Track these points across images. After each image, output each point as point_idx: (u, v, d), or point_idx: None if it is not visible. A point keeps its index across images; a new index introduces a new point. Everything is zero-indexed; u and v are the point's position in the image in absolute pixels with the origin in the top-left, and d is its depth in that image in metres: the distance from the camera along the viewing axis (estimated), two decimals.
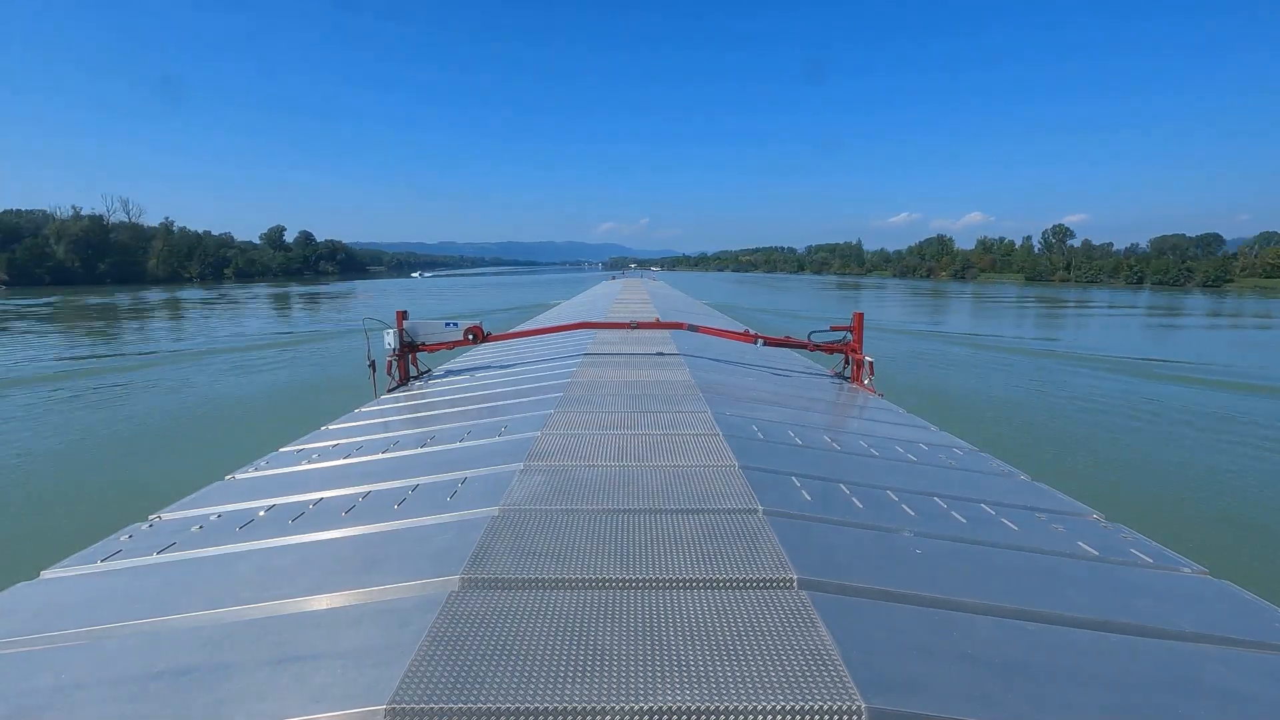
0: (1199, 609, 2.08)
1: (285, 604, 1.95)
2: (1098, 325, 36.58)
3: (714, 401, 4.63)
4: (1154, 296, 70.77)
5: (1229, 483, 9.14)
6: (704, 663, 1.53)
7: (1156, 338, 30.24)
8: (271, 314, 39.27)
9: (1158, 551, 2.57)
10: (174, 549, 2.52)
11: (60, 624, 1.94)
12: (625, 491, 2.76)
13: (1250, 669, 1.73)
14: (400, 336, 6.99)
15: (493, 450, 3.52)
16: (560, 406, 4.44)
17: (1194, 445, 11.01)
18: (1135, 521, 2.98)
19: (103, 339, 26.32)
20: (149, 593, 2.13)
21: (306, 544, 2.45)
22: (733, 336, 8.12)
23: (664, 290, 29.08)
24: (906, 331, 29.47)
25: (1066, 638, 1.81)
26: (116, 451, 10.35)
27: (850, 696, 1.40)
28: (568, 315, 14.68)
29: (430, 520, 2.53)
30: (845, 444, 3.98)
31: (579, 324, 8.34)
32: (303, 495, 3.08)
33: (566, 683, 1.46)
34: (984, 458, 4.02)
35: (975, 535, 2.55)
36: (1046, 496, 3.27)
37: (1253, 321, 39.84)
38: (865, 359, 6.86)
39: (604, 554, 2.13)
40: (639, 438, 3.65)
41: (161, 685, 1.55)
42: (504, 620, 1.73)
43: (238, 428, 11.59)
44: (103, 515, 7.29)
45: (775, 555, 2.11)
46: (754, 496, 2.66)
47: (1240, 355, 22.95)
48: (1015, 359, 20.66)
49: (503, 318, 28.49)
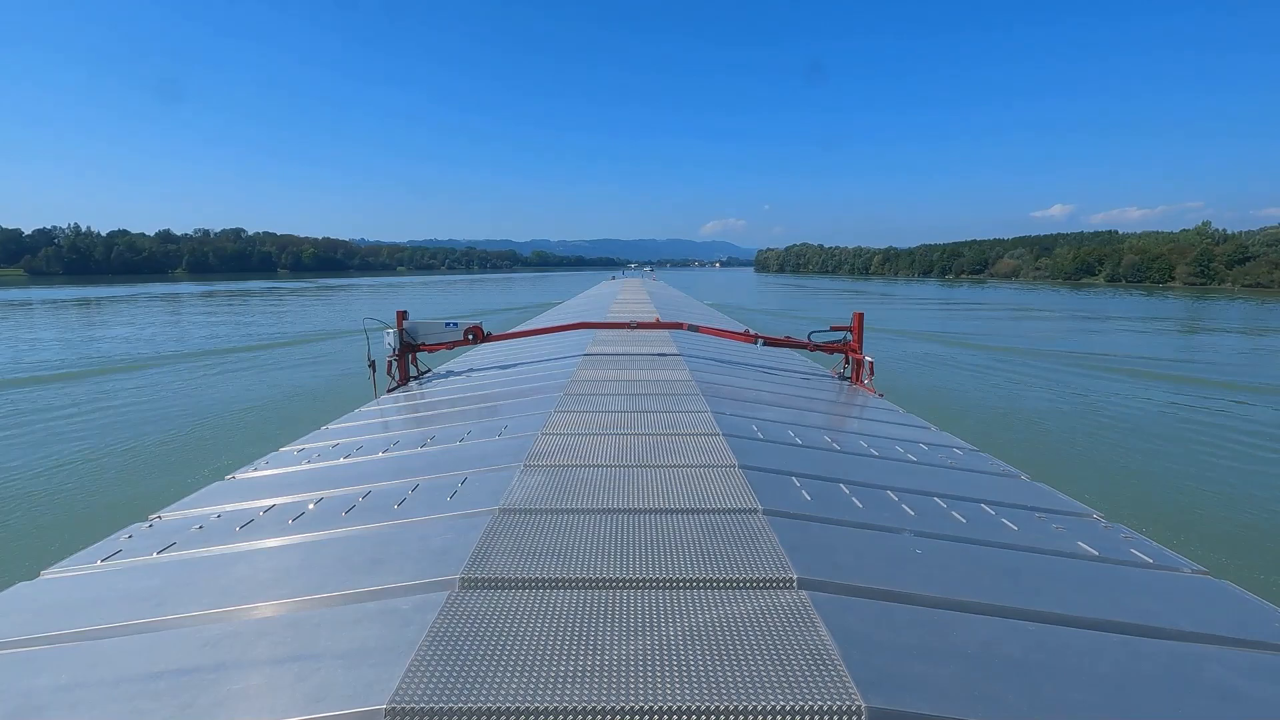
0: (1199, 609, 2.08)
1: (285, 604, 1.95)
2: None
3: (714, 401, 4.63)
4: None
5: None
6: (704, 663, 1.53)
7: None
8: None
9: (1157, 551, 2.57)
10: (174, 549, 2.51)
11: (60, 624, 1.94)
12: (625, 491, 2.76)
13: (1250, 669, 1.73)
14: (400, 336, 6.99)
15: (493, 450, 3.52)
16: (560, 406, 4.44)
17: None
18: (1135, 521, 2.97)
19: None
20: (149, 593, 2.13)
21: (306, 544, 2.45)
22: (733, 336, 8.12)
23: (664, 290, 29.07)
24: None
25: (1066, 638, 1.81)
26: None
27: (850, 696, 1.40)
28: (568, 315, 14.69)
29: (430, 520, 2.53)
30: (845, 444, 3.98)
31: (579, 324, 8.34)
32: (303, 495, 3.08)
33: (566, 683, 1.46)
34: (984, 458, 4.02)
35: (975, 535, 2.55)
36: (1046, 496, 3.27)
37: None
38: (865, 359, 6.86)
39: (604, 554, 2.13)
40: (639, 438, 3.65)
41: (161, 685, 1.55)
42: (504, 620, 1.73)
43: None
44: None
45: (775, 555, 2.11)
46: (754, 496, 2.66)
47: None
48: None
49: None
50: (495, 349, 9.01)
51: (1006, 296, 62.40)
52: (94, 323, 32.65)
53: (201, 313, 39.04)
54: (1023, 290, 77.49)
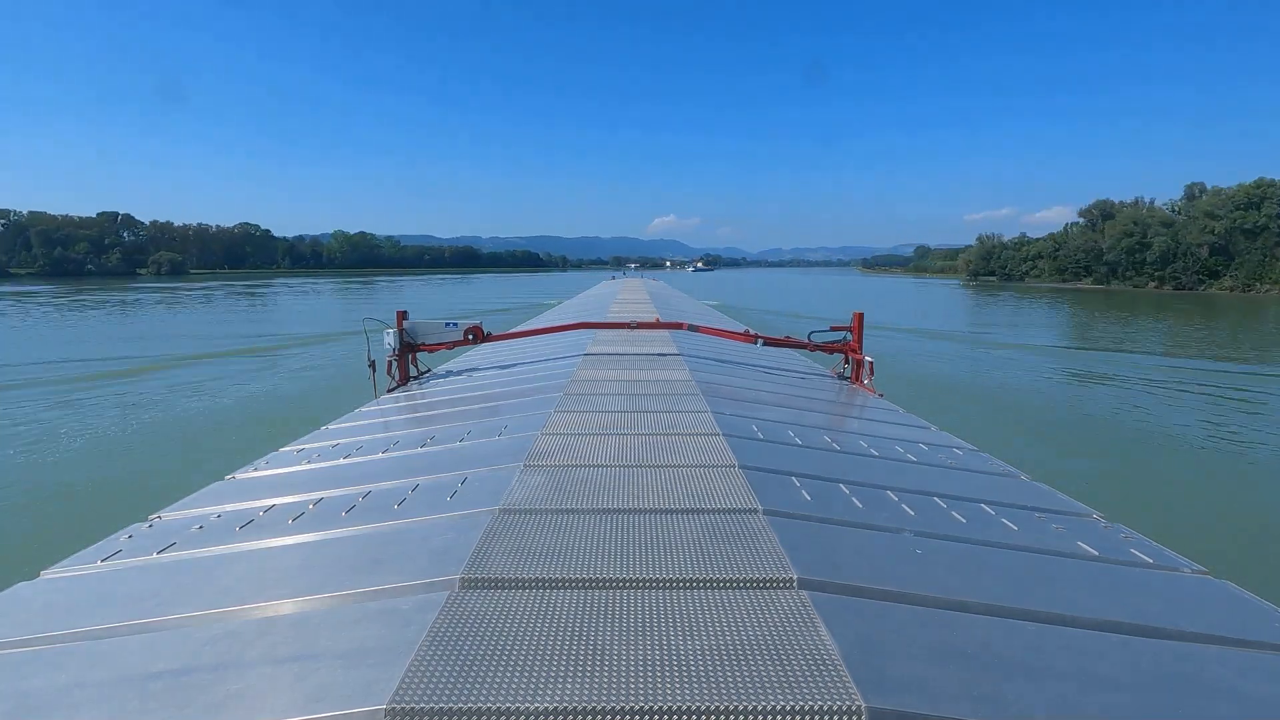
0: (1199, 609, 2.08)
1: (285, 604, 1.95)
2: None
3: (714, 401, 4.63)
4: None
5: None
6: (704, 663, 1.53)
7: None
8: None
9: (1158, 551, 2.57)
10: (174, 549, 2.51)
11: (60, 624, 1.94)
12: (625, 491, 2.76)
13: (1250, 669, 1.73)
14: (400, 336, 7.00)
15: (493, 450, 3.52)
16: (560, 406, 4.44)
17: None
18: (1135, 521, 2.98)
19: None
20: (149, 593, 2.13)
21: (306, 544, 2.45)
22: (733, 336, 8.12)
23: (664, 290, 29.08)
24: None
25: (1066, 638, 1.81)
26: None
27: (850, 696, 1.40)
28: (568, 315, 14.69)
29: (430, 520, 2.53)
30: (845, 444, 3.98)
31: (579, 324, 8.35)
32: (303, 495, 3.08)
33: (566, 683, 1.46)
34: (984, 458, 4.02)
35: (975, 535, 2.55)
36: (1046, 496, 3.27)
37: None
38: (865, 359, 6.86)
39: (604, 554, 2.13)
40: (639, 438, 3.65)
41: (161, 685, 1.55)
42: (504, 620, 1.72)
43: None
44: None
45: (775, 555, 2.11)
46: (754, 496, 2.66)
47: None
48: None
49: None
50: (495, 349, 9.01)
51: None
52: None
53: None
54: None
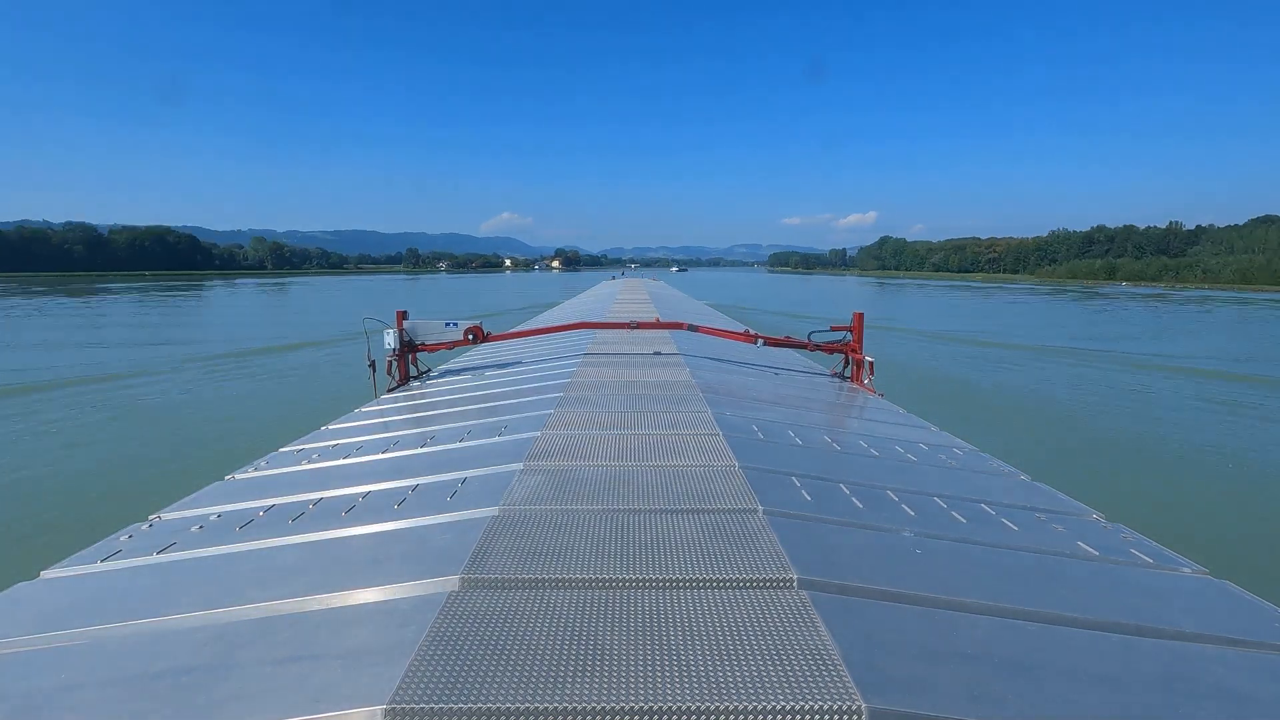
0: (1199, 609, 2.08)
1: (285, 604, 1.95)
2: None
3: (714, 401, 4.63)
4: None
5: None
6: (704, 663, 1.53)
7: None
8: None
9: (1158, 551, 2.57)
10: (174, 549, 2.51)
11: (60, 624, 1.94)
12: (625, 491, 2.76)
13: (1250, 669, 1.73)
14: (400, 336, 7.00)
15: (493, 450, 3.52)
16: (560, 406, 4.44)
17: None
18: (1135, 521, 2.98)
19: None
20: (149, 593, 2.13)
21: (307, 544, 2.45)
22: (733, 336, 8.12)
23: (664, 290, 29.11)
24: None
25: (1066, 638, 1.81)
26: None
27: (850, 696, 1.39)
28: (568, 315, 14.69)
29: (430, 520, 2.53)
30: (845, 444, 3.98)
31: (579, 324, 8.35)
32: (303, 495, 3.08)
33: (567, 683, 1.45)
34: (984, 458, 4.02)
35: (975, 535, 2.55)
36: (1046, 496, 3.27)
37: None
38: (865, 359, 6.87)
39: (604, 554, 2.13)
40: (639, 438, 3.65)
41: (161, 685, 1.55)
42: (504, 620, 1.72)
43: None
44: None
45: (775, 555, 2.11)
46: (754, 496, 2.66)
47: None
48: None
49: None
50: (495, 349, 9.01)
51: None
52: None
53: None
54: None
